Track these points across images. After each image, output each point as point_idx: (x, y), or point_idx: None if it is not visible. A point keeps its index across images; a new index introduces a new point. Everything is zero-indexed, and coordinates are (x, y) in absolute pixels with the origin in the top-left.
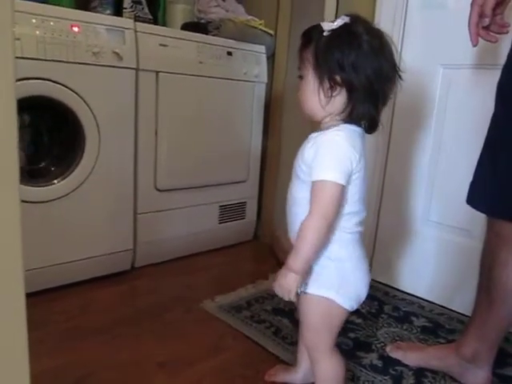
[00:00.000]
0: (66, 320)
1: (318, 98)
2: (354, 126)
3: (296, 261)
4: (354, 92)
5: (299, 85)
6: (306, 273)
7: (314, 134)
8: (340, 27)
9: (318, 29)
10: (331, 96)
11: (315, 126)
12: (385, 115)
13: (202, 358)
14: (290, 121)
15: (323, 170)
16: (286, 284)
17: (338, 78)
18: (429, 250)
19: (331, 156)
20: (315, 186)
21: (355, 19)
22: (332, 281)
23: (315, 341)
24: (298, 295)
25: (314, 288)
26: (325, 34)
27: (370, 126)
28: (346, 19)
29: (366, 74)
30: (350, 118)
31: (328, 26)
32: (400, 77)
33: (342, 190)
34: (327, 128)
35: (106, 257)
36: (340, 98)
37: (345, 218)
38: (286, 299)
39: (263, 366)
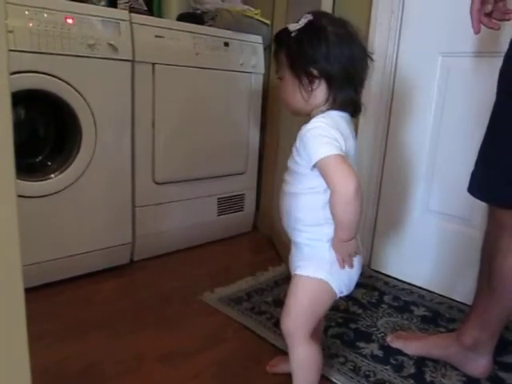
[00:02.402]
0: (67, 314)
1: (300, 94)
2: (339, 112)
3: (344, 232)
4: (332, 81)
5: (280, 86)
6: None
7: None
8: (305, 25)
9: (285, 31)
10: (312, 90)
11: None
12: (383, 104)
13: (202, 350)
14: (287, 112)
15: (317, 150)
16: (345, 251)
17: (314, 71)
18: (428, 239)
19: (317, 136)
20: (320, 168)
21: (318, 15)
22: (324, 262)
23: (295, 324)
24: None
25: (306, 269)
26: (293, 34)
27: (354, 109)
28: (309, 17)
29: (339, 62)
30: (334, 105)
31: (294, 26)
32: (371, 58)
33: (344, 157)
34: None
35: (105, 251)
36: (320, 90)
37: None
38: (355, 259)
39: (264, 357)
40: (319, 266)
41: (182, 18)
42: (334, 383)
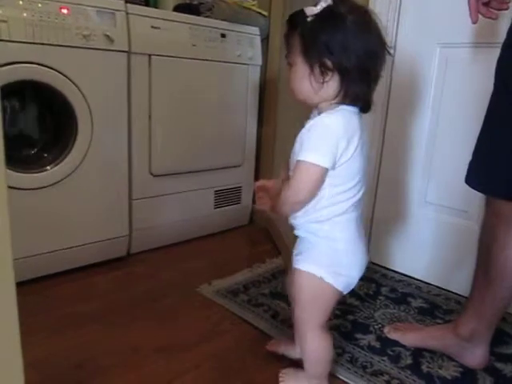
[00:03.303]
0: (64, 306)
1: (310, 84)
2: (350, 107)
3: (277, 208)
4: (346, 74)
5: (289, 72)
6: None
7: (309, 121)
8: (323, 10)
9: (301, 14)
10: (323, 82)
11: (311, 108)
12: (381, 96)
13: (199, 342)
14: (285, 104)
15: (308, 151)
16: (272, 204)
17: (328, 62)
18: (426, 231)
19: (319, 137)
20: (299, 165)
21: (338, 0)
22: (322, 259)
23: (303, 317)
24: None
25: (305, 264)
26: (309, 19)
27: (364, 105)
28: (329, 1)
29: (356, 55)
30: (345, 99)
31: (311, 10)
32: (389, 53)
33: (323, 173)
34: (323, 111)
35: (102, 243)
36: (333, 82)
37: (337, 200)
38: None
39: (261, 349)
40: (317, 263)
41: (179, 8)
42: (331, 374)
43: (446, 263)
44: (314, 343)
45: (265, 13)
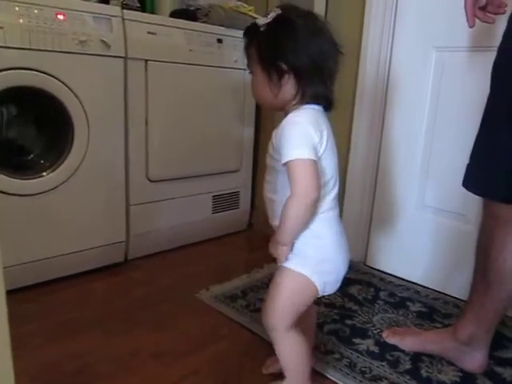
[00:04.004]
0: (61, 313)
1: (270, 88)
2: (313, 105)
3: (282, 236)
4: (300, 75)
5: (251, 81)
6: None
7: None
8: (274, 19)
9: (254, 26)
10: (280, 85)
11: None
12: (378, 98)
13: (198, 348)
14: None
15: (290, 150)
16: (277, 254)
17: (282, 65)
18: (424, 235)
19: (294, 135)
20: (288, 168)
21: (286, 8)
22: (310, 258)
23: (277, 317)
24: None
25: (292, 263)
26: (261, 29)
27: (326, 104)
28: (278, 11)
29: (307, 56)
30: (304, 99)
31: (263, 20)
32: (341, 52)
33: (315, 164)
34: (289, 113)
35: (99, 249)
36: (290, 84)
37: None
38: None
39: (259, 354)
40: (304, 262)
41: (175, 14)
42: (329, 380)
43: (444, 267)
44: (288, 344)
45: None
